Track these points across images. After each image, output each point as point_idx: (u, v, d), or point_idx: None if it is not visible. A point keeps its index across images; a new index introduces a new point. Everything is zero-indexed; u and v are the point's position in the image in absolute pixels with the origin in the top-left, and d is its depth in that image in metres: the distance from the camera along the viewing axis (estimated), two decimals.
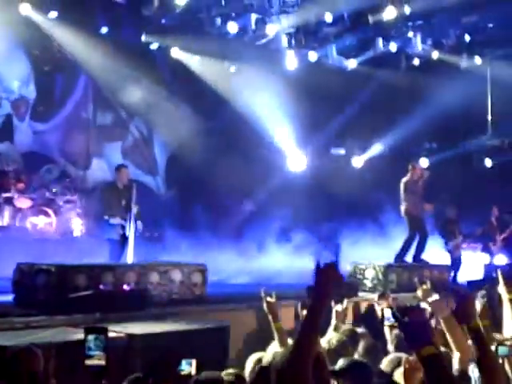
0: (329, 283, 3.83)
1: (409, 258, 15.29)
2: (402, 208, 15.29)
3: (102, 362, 4.76)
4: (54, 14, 17.40)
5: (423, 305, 10.28)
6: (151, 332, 8.50)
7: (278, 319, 6.85)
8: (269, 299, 7.03)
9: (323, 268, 3.84)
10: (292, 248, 18.86)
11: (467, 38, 18.58)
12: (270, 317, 6.91)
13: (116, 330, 8.03)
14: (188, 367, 5.51)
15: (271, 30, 18.26)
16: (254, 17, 18.29)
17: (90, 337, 4.79)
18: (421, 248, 15.40)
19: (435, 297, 6.40)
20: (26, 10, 17.01)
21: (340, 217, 19.73)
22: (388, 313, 6.79)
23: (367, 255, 17.07)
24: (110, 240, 13.17)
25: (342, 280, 3.88)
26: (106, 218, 13.15)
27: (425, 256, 15.56)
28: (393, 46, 18.94)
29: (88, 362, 4.77)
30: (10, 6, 16.82)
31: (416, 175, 15.41)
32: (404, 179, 15.40)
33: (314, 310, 3.83)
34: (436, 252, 17.39)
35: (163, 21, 18.34)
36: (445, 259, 16.89)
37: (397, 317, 3.72)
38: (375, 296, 11.35)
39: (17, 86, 19.01)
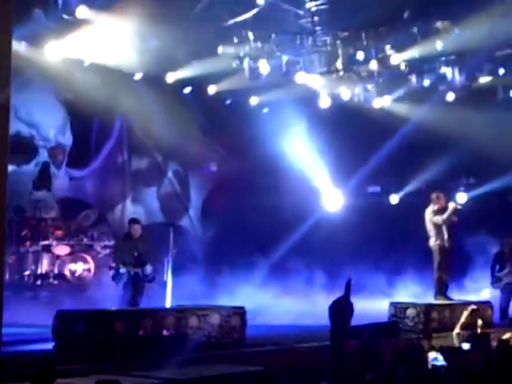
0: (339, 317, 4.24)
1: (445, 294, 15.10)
2: (430, 241, 15.28)
3: None
4: (89, 61, 17.52)
5: (464, 346, 10.22)
6: (190, 377, 8.43)
7: None
8: None
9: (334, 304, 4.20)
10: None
11: (502, 71, 18.43)
12: None
13: (152, 376, 7.99)
14: None
15: (303, 72, 18.33)
16: (285, 58, 18.35)
17: None
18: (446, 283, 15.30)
19: None
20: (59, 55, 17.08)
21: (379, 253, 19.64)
22: (434, 355, 6.71)
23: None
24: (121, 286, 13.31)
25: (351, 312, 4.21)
26: (114, 265, 13.35)
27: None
28: (426, 82, 18.85)
29: None
30: (43, 54, 17.04)
31: (440, 205, 15.36)
32: (428, 210, 15.37)
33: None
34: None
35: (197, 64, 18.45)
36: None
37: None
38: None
39: (53, 133, 19.18)
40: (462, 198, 19.20)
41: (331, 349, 4.72)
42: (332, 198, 21.40)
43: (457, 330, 11.71)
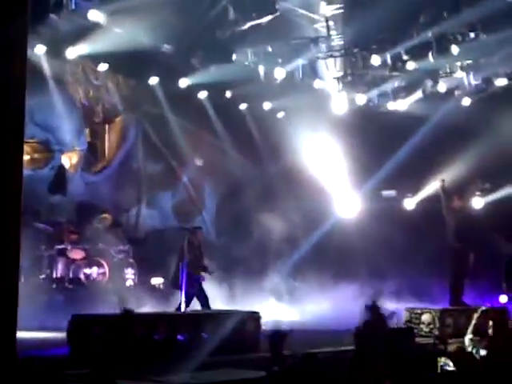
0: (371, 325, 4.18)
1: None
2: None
3: None
4: (104, 66, 17.58)
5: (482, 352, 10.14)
6: (204, 382, 8.44)
7: None
8: None
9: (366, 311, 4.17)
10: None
11: None
12: None
13: (166, 381, 8.00)
14: None
15: (319, 75, 18.34)
16: (300, 62, 18.36)
17: None
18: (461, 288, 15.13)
19: None
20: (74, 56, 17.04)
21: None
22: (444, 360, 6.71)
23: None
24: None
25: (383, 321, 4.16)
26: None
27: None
28: (442, 87, 18.79)
29: None
30: (61, 59, 17.11)
31: (456, 204, 15.29)
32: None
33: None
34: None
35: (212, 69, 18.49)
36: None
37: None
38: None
39: (69, 137, 19.22)
40: (478, 202, 19.10)
41: (354, 358, 4.67)
42: (348, 202, 21.25)
43: (469, 335, 11.58)
